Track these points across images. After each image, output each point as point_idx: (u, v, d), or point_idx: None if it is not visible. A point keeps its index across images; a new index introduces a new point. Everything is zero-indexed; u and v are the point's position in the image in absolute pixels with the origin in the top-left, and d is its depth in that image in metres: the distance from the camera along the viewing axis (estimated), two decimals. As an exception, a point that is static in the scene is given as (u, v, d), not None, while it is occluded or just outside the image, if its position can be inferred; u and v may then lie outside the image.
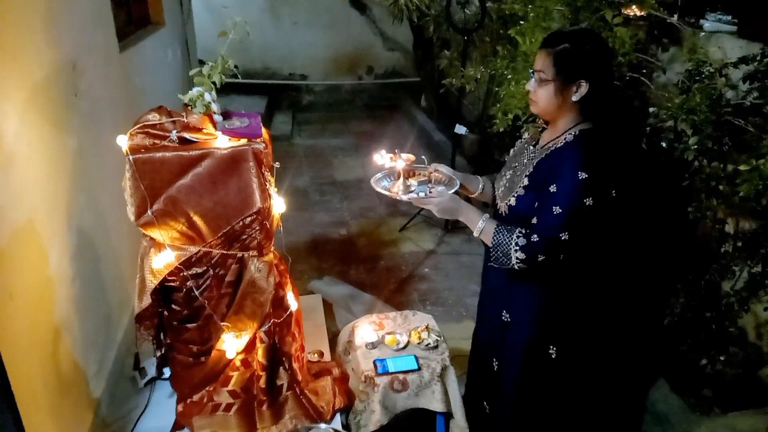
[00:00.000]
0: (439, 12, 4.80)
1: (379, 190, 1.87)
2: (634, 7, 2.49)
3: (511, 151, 2.01)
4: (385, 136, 6.54)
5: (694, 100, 1.90)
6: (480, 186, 2.04)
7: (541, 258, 1.67)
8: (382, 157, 1.91)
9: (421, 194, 1.83)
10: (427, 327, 2.36)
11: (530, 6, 2.45)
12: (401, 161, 1.86)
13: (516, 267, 1.71)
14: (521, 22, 2.53)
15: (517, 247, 1.68)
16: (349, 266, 4.10)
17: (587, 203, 1.62)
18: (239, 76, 2.00)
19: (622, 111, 2.27)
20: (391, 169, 1.93)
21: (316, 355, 2.44)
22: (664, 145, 1.98)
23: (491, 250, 1.76)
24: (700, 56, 2.40)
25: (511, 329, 1.93)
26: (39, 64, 1.80)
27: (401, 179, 1.87)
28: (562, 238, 1.64)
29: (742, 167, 1.85)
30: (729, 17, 2.67)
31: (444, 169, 1.98)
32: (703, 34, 2.67)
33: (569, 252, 1.67)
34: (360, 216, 4.87)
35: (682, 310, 2.33)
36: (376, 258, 4.23)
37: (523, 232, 1.69)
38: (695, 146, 1.85)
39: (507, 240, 1.71)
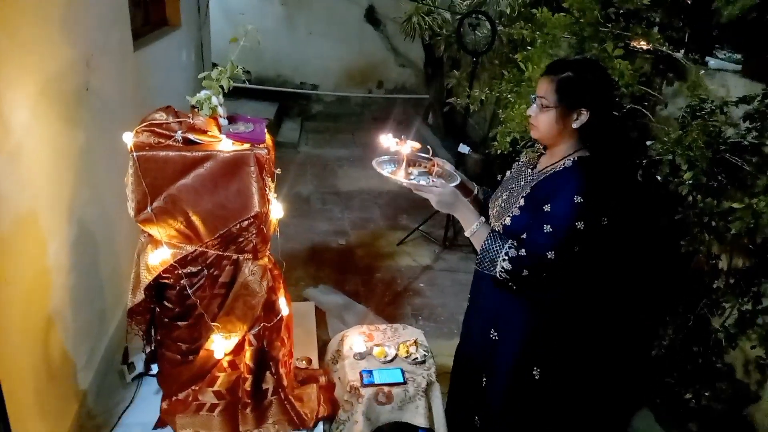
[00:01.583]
0: (451, 33, 4.87)
1: (380, 171, 1.88)
2: (642, 41, 2.53)
3: (508, 172, 2.04)
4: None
5: (691, 136, 1.93)
6: (475, 191, 2.06)
7: (525, 273, 1.69)
8: (388, 140, 1.91)
9: (422, 181, 1.84)
10: (415, 342, 2.38)
11: (538, 32, 2.50)
12: (407, 147, 1.87)
13: (499, 276, 1.73)
14: (529, 48, 2.57)
15: (506, 257, 1.70)
16: (346, 276, 4.12)
17: (578, 227, 1.65)
18: (248, 82, 2.04)
19: (620, 141, 2.30)
20: (396, 154, 1.94)
21: (303, 362, 2.46)
22: (659, 178, 2.01)
23: (479, 253, 1.78)
24: (702, 93, 2.44)
25: (498, 348, 1.95)
26: (53, 58, 1.85)
27: (404, 165, 1.88)
28: (549, 257, 1.66)
29: (735, 205, 1.87)
30: (737, 56, 2.71)
31: (446, 166, 1.99)
32: (703, 72, 2.71)
33: (553, 272, 1.69)
34: (360, 227, 4.90)
35: (671, 342, 2.34)
36: (372, 270, 4.25)
37: (515, 244, 1.71)
38: (690, 181, 1.88)
39: (497, 248, 1.73)
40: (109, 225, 2.37)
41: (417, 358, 2.31)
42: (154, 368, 2.20)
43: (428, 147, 1.97)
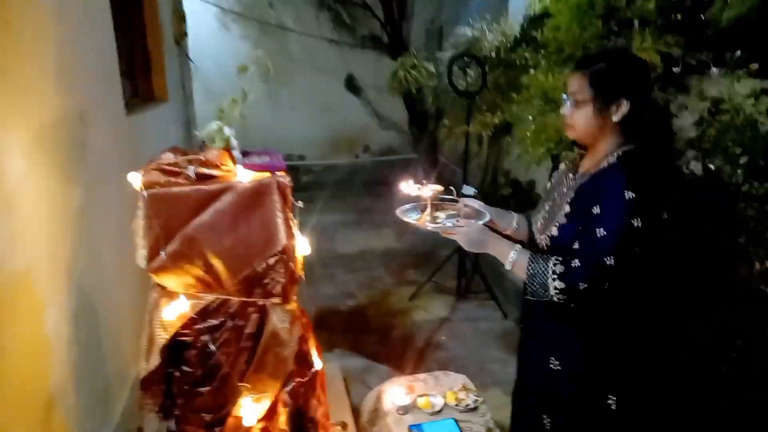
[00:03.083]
0: (437, 84, 4.90)
1: (405, 219, 1.73)
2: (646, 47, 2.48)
3: (548, 183, 1.89)
4: (386, 209, 6.50)
5: (738, 118, 1.81)
6: (514, 222, 1.90)
7: (582, 286, 1.50)
8: (408, 186, 1.78)
9: (448, 224, 1.69)
10: (463, 387, 2.13)
11: (542, 51, 2.46)
12: (428, 190, 1.73)
13: (555, 299, 1.54)
14: (532, 70, 2.52)
15: (555, 275, 1.51)
16: (360, 338, 3.85)
17: (636, 225, 1.47)
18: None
19: (667, 130, 2.19)
20: (418, 201, 1.81)
21: (339, 428, 2.18)
22: (712, 167, 1.87)
23: (527, 282, 1.59)
24: (714, 96, 2.37)
25: (561, 378, 1.72)
26: (47, 107, 1.71)
27: (428, 210, 1.74)
28: (607, 263, 1.47)
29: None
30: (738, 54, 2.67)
31: (474, 204, 1.85)
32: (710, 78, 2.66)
33: (614, 280, 1.50)
34: (367, 287, 4.67)
35: (740, 352, 2.13)
36: (387, 328, 3.99)
37: (561, 259, 1.53)
38: (744, 164, 1.74)
39: (543, 269, 1.54)
40: (108, 293, 2.14)
41: (469, 404, 2.06)
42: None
43: (451, 188, 1.85)
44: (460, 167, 5.94)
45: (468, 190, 4.13)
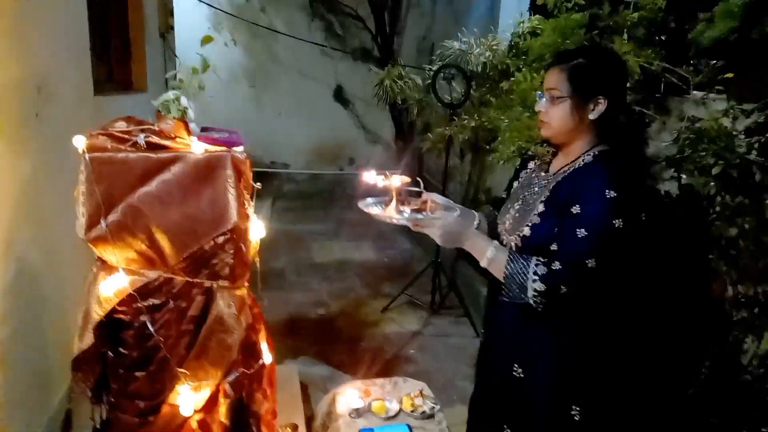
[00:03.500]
0: (422, 97, 4.86)
1: (370, 211, 1.64)
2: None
3: (515, 183, 1.82)
4: (367, 222, 6.42)
5: (712, 130, 1.77)
6: (476, 221, 1.81)
7: (563, 290, 1.42)
8: (372, 177, 1.68)
9: (420, 216, 1.60)
10: (421, 393, 2.04)
11: (524, 57, 2.43)
12: (395, 181, 1.64)
13: (532, 301, 1.46)
14: (517, 72, 2.48)
15: (536, 277, 1.44)
16: (328, 347, 3.74)
17: (617, 225, 1.41)
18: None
19: (641, 132, 2.15)
20: (383, 194, 1.71)
21: (288, 429, 2.07)
22: (684, 177, 1.83)
23: (504, 282, 1.51)
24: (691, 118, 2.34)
25: (525, 387, 1.63)
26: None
27: (394, 202, 1.64)
28: (589, 266, 1.40)
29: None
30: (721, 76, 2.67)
31: (439, 199, 1.77)
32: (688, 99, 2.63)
33: (595, 283, 1.43)
34: (340, 297, 4.57)
35: (708, 375, 2.06)
36: (356, 339, 3.89)
37: (542, 260, 1.46)
38: (716, 174, 1.69)
39: (523, 269, 1.47)
40: (58, 270, 2.03)
41: (425, 411, 1.96)
42: (106, 443, 1.78)
43: (419, 179, 1.75)
44: (444, 184, 5.92)
45: (446, 201, 4.06)
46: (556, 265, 1.42)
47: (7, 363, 1.67)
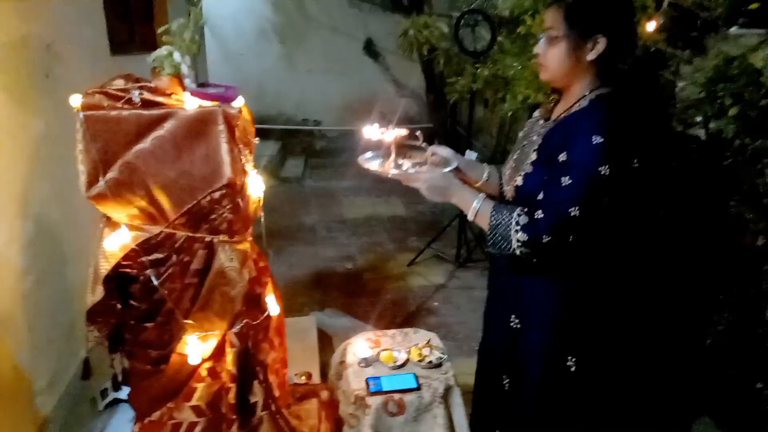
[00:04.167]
0: (449, 45, 4.72)
1: (366, 167, 1.63)
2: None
3: (521, 132, 1.76)
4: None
5: (732, 68, 1.65)
6: (485, 174, 1.77)
7: (546, 239, 1.38)
8: (371, 131, 1.67)
9: (411, 171, 1.58)
10: (428, 343, 2.06)
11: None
12: (392, 135, 1.62)
13: (517, 252, 1.43)
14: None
15: (518, 227, 1.40)
16: (354, 300, 3.81)
17: (602, 172, 1.34)
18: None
19: (646, 73, 2.03)
20: (383, 147, 1.70)
21: (303, 378, 2.14)
22: (699, 119, 1.72)
23: (488, 233, 1.48)
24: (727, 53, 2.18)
25: (521, 338, 1.62)
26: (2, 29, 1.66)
27: (392, 156, 1.63)
28: (572, 214, 1.35)
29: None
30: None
31: (443, 151, 1.73)
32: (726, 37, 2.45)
33: (579, 232, 1.38)
34: (368, 251, 4.61)
35: (728, 326, 1.99)
36: (382, 292, 3.94)
37: (525, 210, 1.42)
38: (734, 116, 1.58)
39: (506, 220, 1.43)
40: (78, 228, 2.11)
41: (432, 361, 1.98)
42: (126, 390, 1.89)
43: (417, 133, 1.71)
44: (475, 137, 5.79)
45: (470, 154, 4.00)
46: (539, 215, 1.38)
47: (32, 313, 1.77)
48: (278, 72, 7.26)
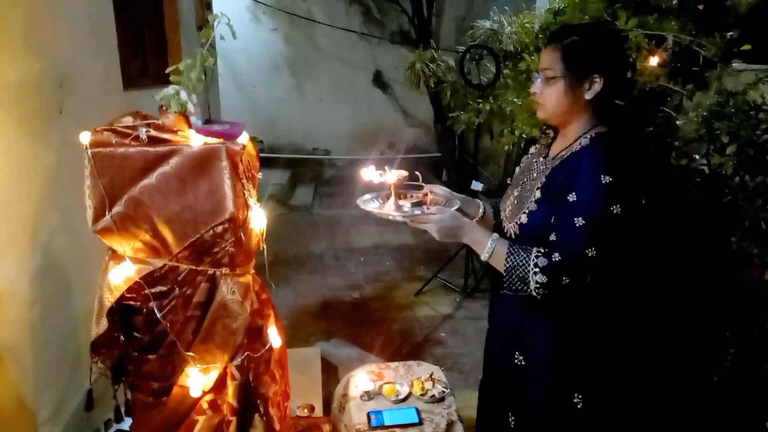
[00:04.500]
0: (456, 79, 4.79)
1: (368, 208, 1.64)
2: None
3: (517, 168, 1.78)
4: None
5: (729, 108, 1.67)
6: (480, 210, 1.79)
7: (565, 281, 1.39)
8: (369, 173, 1.68)
9: (416, 212, 1.59)
10: (431, 377, 2.04)
11: (541, 36, 2.35)
12: (392, 176, 1.63)
13: (535, 293, 1.43)
14: (533, 55, 2.41)
15: (537, 269, 1.40)
16: (360, 330, 3.80)
17: (614, 211, 1.36)
18: (261, 151, 1.87)
19: (642, 111, 2.05)
20: (382, 190, 1.71)
21: (305, 410, 2.13)
22: (697, 157, 1.73)
23: (504, 275, 1.47)
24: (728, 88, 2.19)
25: (526, 375, 1.61)
26: (14, 66, 1.72)
27: (392, 198, 1.64)
28: (589, 255, 1.36)
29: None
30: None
31: (440, 191, 1.75)
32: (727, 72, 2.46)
33: (597, 271, 1.39)
34: (375, 280, 4.62)
35: (735, 361, 1.97)
36: (388, 322, 3.93)
37: (542, 251, 1.42)
38: (733, 153, 1.59)
39: (524, 262, 1.43)
40: (86, 260, 2.15)
41: (434, 395, 1.97)
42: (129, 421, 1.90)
43: (417, 173, 1.73)
44: (482, 166, 5.82)
45: (476, 185, 4.03)
46: (556, 257, 1.38)
47: (38, 342, 1.80)
48: (289, 103, 7.41)
